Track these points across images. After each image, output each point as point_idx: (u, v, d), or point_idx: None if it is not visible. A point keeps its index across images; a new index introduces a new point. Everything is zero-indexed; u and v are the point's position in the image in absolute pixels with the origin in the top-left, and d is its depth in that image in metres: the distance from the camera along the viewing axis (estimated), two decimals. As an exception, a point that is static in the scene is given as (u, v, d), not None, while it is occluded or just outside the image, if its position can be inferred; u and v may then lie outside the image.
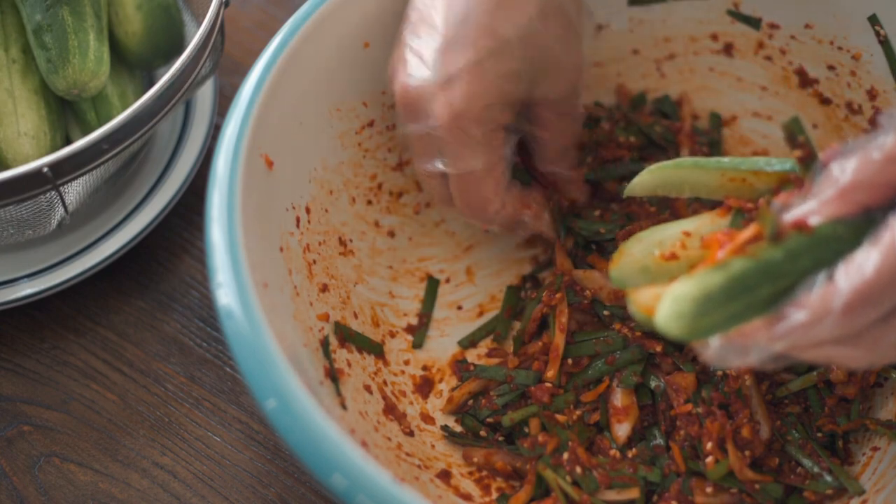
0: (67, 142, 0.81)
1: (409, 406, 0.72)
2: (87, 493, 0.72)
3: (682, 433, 0.67)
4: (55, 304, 0.81)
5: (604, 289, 0.72)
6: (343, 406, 0.65)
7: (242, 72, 0.91)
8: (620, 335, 0.70)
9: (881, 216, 0.51)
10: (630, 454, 0.67)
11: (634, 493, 0.65)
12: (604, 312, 0.71)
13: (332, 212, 0.73)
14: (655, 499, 0.66)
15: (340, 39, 0.70)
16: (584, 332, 0.71)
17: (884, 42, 0.71)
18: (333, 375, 0.66)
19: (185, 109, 0.86)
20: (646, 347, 0.69)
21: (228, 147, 0.62)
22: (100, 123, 0.79)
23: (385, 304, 0.76)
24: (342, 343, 0.70)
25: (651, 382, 0.69)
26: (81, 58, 0.75)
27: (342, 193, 0.74)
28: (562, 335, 0.71)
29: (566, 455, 0.66)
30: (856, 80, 0.74)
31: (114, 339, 0.79)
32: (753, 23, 0.77)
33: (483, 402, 0.71)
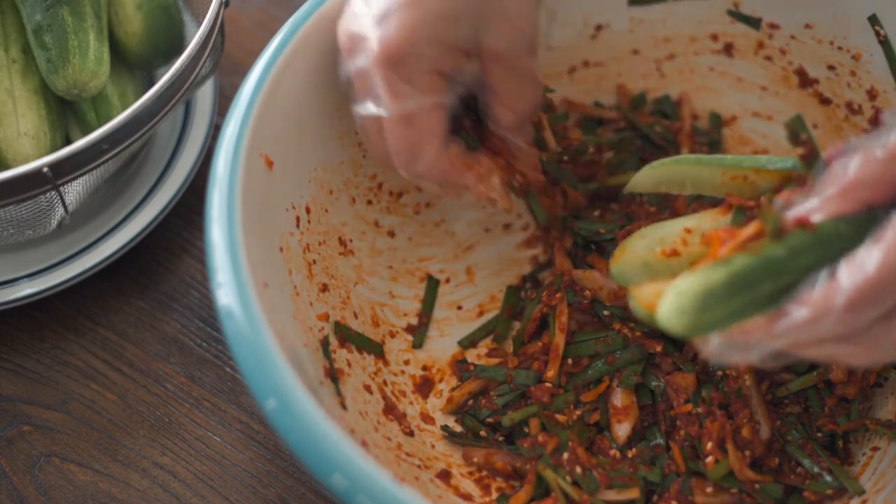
0: (67, 142, 0.81)
1: (409, 406, 0.72)
2: (87, 493, 0.72)
3: (682, 433, 0.67)
4: (55, 304, 0.81)
5: (604, 289, 0.72)
6: (343, 406, 0.65)
7: (242, 72, 0.91)
8: (620, 335, 0.70)
9: (884, 214, 0.51)
10: (630, 454, 0.67)
11: (634, 493, 0.65)
12: (604, 312, 0.71)
13: (332, 212, 0.73)
14: (655, 499, 0.66)
15: (340, 39, 0.70)
16: (584, 332, 0.71)
17: (884, 42, 0.71)
18: (333, 375, 0.66)
19: (185, 109, 0.86)
20: (646, 347, 0.69)
21: (228, 147, 0.62)
22: (100, 123, 0.79)
23: (385, 304, 0.76)
24: (342, 343, 0.70)
25: (651, 382, 0.69)
26: (81, 58, 0.75)
27: (342, 193, 0.74)
28: (562, 335, 0.71)
29: (566, 455, 0.66)
30: (856, 80, 0.74)
31: (114, 339, 0.79)
32: (753, 23, 0.77)
33: (483, 402, 0.71)
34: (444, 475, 0.68)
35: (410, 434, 0.70)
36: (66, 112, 0.82)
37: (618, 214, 0.76)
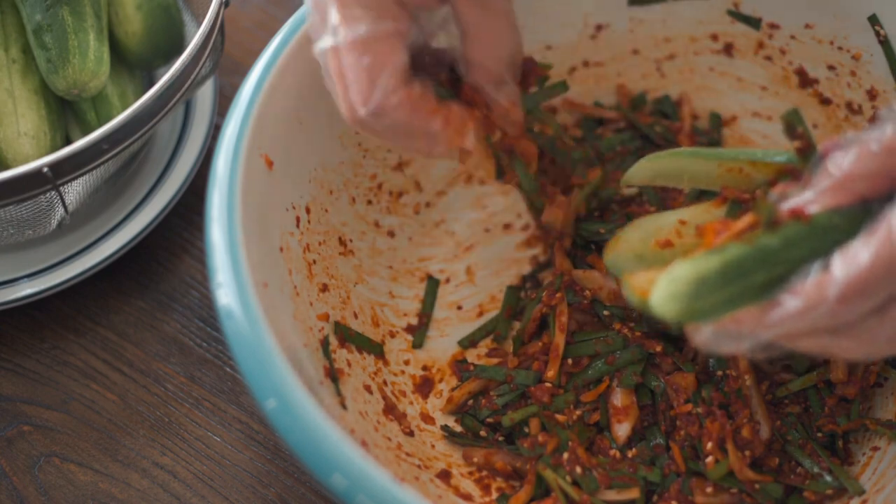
0: (67, 142, 0.81)
1: (409, 406, 0.72)
2: (87, 493, 0.72)
3: (682, 433, 0.67)
4: (55, 304, 0.81)
5: (604, 289, 0.72)
6: (343, 406, 0.65)
7: (242, 72, 0.91)
8: (620, 335, 0.70)
9: (878, 207, 0.51)
10: (630, 454, 0.67)
11: (634, 493, 0.65)
12: (604, 312, 0.71)
13: (332, 212, 0.73)
14: (655, 499, 0.66)
15: (340, 39, 0.70)
16: (584, 332, 0.71)
17: (884, 42, 0.71)
18: (333, 375, 0.66)
19: (185, 109, 0.86)
20: (646, 347, 0.69)
21: (228, 147, 0.62)
22: (100, 123, 0.79)
23: (385, 304, 0.76)
24: (342, 343, 0.70)
25: (651, 382, 0.69)
26: (81, 58, 0.75)
27: (342, 193, 0.74)
28: (562, 335, 0.71)
29: (566, 455, 0.66)
30: (856, 80, 0.74)
31: (114, 339, 0.79)
32: (753, 23, 0.77)
33: (483, 402, 0.71)
34: (444, 475, 0.68)
35: (410, 434, 0.70)
36: (66, 112, 0.82)
37: (618, 214, 0.76)
